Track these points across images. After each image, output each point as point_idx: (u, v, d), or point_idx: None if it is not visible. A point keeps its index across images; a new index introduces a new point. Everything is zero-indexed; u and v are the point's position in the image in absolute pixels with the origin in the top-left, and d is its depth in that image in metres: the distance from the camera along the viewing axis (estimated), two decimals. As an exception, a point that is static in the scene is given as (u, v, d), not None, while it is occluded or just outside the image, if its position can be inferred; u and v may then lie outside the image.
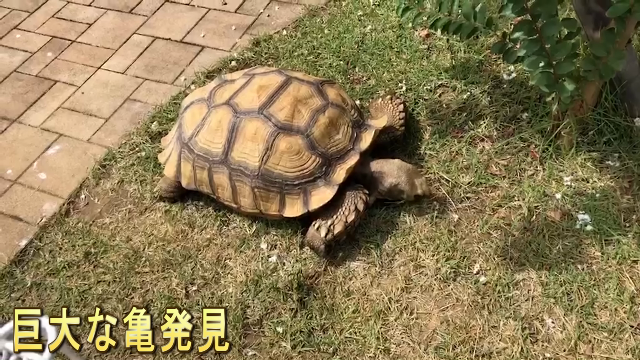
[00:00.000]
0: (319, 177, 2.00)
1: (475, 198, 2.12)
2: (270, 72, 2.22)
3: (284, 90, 2.09)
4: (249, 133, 2.03)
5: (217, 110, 2.12)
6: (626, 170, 2.08)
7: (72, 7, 3.53)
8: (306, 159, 2.00)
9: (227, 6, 3.31)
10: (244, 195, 2.06)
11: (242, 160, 2.03)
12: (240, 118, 2.06)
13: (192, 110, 2.21)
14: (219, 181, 2.10)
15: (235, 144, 2.04)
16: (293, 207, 2.01)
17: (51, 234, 2.31)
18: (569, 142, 2.15)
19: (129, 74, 3.01)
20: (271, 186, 2.01)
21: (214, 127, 2.09)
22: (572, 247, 1.92)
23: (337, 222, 1.97)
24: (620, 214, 1.97)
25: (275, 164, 2.00)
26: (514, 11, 1.75)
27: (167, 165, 2.24)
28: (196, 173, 2.14)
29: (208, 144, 2.10)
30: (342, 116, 2.10)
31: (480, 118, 2.35)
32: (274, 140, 2.00)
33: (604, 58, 1.82)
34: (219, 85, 2.25)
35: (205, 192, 2.18)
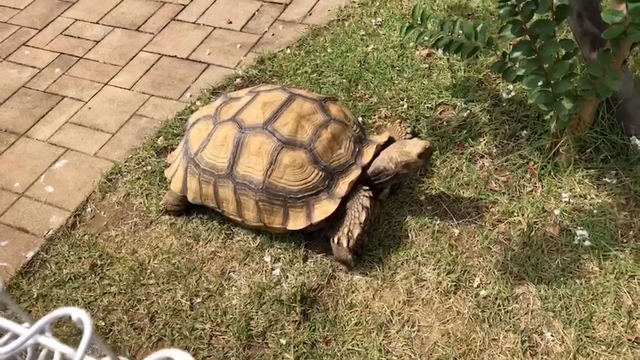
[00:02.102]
0: (321, 191, 2.05)
1: (476, 213, 2.16)
2: (274, 89, 2.28)
3: (287, 107, 2.14)
4: (254, 148, 2.08)
5: (222, 126, 2.18)
6: (623, 187, 2.12)
7: (79, 24, 3.60)
8: (309, 172, 2.05)
9: (232, 25, 3.38)
10: (248, 209, 2.11)
11: (246, 174, 2.08)
12: (245, 133, 2.11)
13: (199, 126, 2.26)
14: (224, 195, 2.14)
15: (240, 159, 2.09)
16: (297, 220, 2.05)
17: (57, 246, 2.35)
18: (567, 160, 2.20)
19: (135, 90, 3.07)
20: (275, 199, 2.05)
21: (220, 143, 2.14)
22: (571, 262, 1.96)
23: (352, 227, 2.00)
24: (617, 230, 2.02)
25: (279, 178, 2.04)
26: (513, 32, 1.81)
27: (173, 180, 2.29)
28: (202, 187, 2.18)
29: (214, 159, 2.15)
30: (344, 131, 2.15)
31: (480, 135, 2.40)
32: (278, 155, 2.05)
33: (600, 78, 1.87)
34: (225, 102, 2.31)
35: (211, 206, 2.23)
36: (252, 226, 2.17)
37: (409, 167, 2.07)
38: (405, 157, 2.05)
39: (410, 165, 2.06)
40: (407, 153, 2.05)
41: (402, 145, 2.09)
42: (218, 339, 1.97)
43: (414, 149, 2.04)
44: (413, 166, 2.06)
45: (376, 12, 3.19)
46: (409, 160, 2.05)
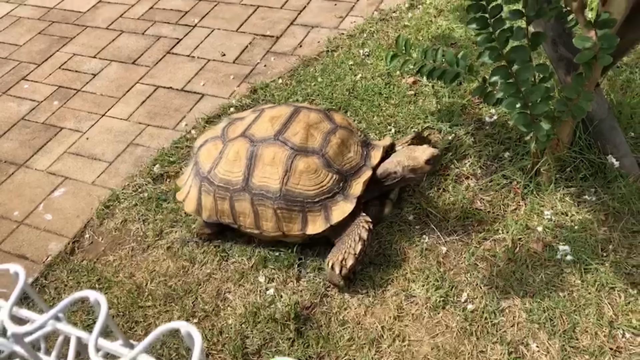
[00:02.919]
0: (337, 193, 2.14)
1: (462, 231, 2.24)
2: (278, 105, 2.38)
3: (295, 118, 2.24)
4: (268, 158, 2.15)
5: (233, 143, 2.25)
6: (602, 204, 2.21)
7: (77, 59, 3.71)
8: (324, 176, 2.13)
9: (226, 57, 3.50)
10: (266, 219, 2.16)
11: (263, 185, 2.15)
12: (257, 146, 2.19)
13: (208, 147, 2.32)
14: (240, 208, 2.19)
15: (255, 170, 2.16)
16: (315, 223, 2.12)
17: (56, 271, 2.40)
18: (548, 179, 2.29)
19: (132, 120, 3.16)
20: (293, 205, 2.12)
21: (232, 158, 2.21)
22: (554, 275, 2.03)
23: (347, 256, 2.07)
24: (598, 245, 2.10)
25: (296, 184, 2.12)
26: (490, 57, 1.92)
27: (186, 202, 2.32)
28: (217, 204, 2.23)
29: (228, 175, 2.21)
30: (352, 136, 2.27)
31: (465, 157, 2.50)
32: (292, 162, 2.13)
33: (575, 100, 1.98)
34: (230, 123, 2.39)
35: (226, 223, 2.26)
36: (270, 237, 2.22)
37: (415, 172, 2.18)
38: (412, 162, 2.17)
39: (417, 170, 2.17)
40: (415, 158, 2.17)
41: (412, 150, 2.21)
42: (215, 357, 2.01)
43: (422, 155, 2.16)
44: (419, 171, 2.18)
45: (364, 43, 3.32)
46: (415, 166, 2.16)
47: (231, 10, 3.93)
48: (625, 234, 2.12)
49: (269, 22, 3.74)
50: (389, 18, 3.50)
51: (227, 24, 3.80)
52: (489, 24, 1.88)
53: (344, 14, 3.66)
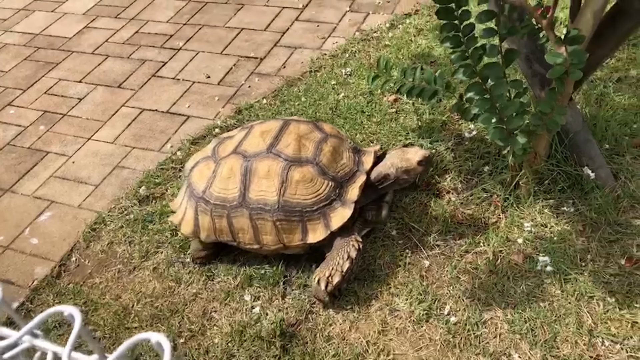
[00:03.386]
0: (334, 199, 2.17)
1: (444, 245, 2.28)
2: (267, 120, 2.42)
3: (285, 130, 2.28)
4: (262, 172, 2.18)
5: (226, 161, 2.27)
6: (580, 215, 2.26)
7: (63, 83, 3.75)
8: (320, 184, 2.17)
9: (211, 79, 3.55)
10: (266, 233, 2.18)
11: (260, 198, 2.16)
12: (251, 161, 2.21)
13: (200, 168, 2.34)
14: (239, 225, 2.20)
15: (251, 185, 2.18)
16: (315, 232, 2.15)
17: (42, 295, 2.40)
18: (527, 191, 2.34)
19: (117, 143, 3.19)
20: (292, 216, 2.14)
21: (226, 175, 2.23)
22: (535, 286, 2.07)
23: (334, 273, 2.09)
24: (576, 255, 2.14)
25: (293, 194, 2.14)
26: (464, 74, 1.98)
27: (183, 224, 2.32)
28: (215, 223, 2.24)
29: (223, 192, 2.22)
30: (342, 144, 2.31)
31: (446, 172, 2.54)
32: (288, 173, 2.16)
33: (549, 114, 2.03)
34: (219, 143, 2.42)
35: (225, 241, 2.27)
36: (271, 250, 2.23)
37: (408, 174, 2.24)
38: (405, 164, 2.23)
39: (410, 171, 2.24)
40: (407, 160, 2.24)
41: (404, 152, 2.28)
42: (201, 377, 2.02)
43: (414, 157, 2.23)
44: (412, 173, 2.24)
45: (346, 62, 3.39)
46: (409, 167, 2.23)
47: (215, 33, 3.99)
48: (603, 243, 2.16)
49: (253, 44, 3.80)
50: (370, 38, 3.57)
51: (211, 46, 3.85)
52: (462, 42, 1.94)
53: (326, 35, 3.73)
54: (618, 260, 2.10)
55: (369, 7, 3.93)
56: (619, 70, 2.86)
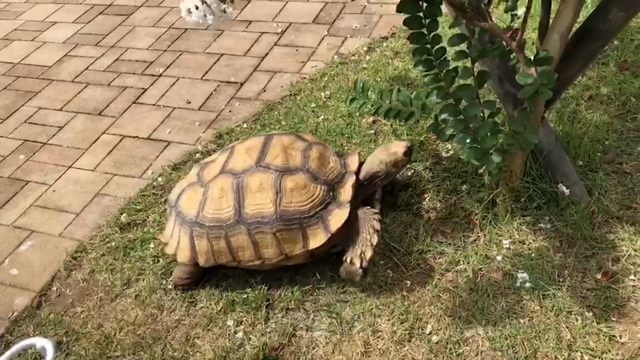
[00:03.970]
0: (329, 202, 2.22)
1: (425, 264, 2.30)
2: (247, 139, 2.44)
3: (269, 144, 2.31)
4: (255, 186, 2.20)
5: (214, 182, 2.27)
6: (556, 231, 2.30)
7: (43, 112, 3.75)
8: (313, 189, 2.21)
9: (191, 105, 3.57)
10: (266, 246, 2.19)
11: (257, 212, 2.18)
12: (241, 177, 2.23)
13: (187, 194, 2.34)
14: (237, 243, 2.20)
15: (245, 201, 2.19)
16: (316, 237, 2.18)
17: (22, 327, 2.37)
18: (505, 209, 2.38)
19: (98, 170, 3.18)
20: (292, 225, 2.17)
21: (218, 196, 2.23)
22: (514, 303, 2.09)
23: (365, 249, 2.16)
24: (554, 271, 2.17)
25: (289, 203, 2.17)
26: (438, 96, 2.02)
27: (179, 253, 2.30)
28: (213, 245, 2.23)
29: (217, 213, 2.22)
30: (326, 150, 2.38)
31: (425, 192, 2.58)
32: (281, 183, 2.19)
33: (522, 133, 2.08)
34: (202, 168, 2.43)
35: (224, 262, 2.26)
36: (273, 264, 2.24)
37: (397, 166, 2.40)
38: (393, 157, 2.38)
39: (399, 163, 2.39)
40: (394, 153, 2.39)
41: (387, 148, 2.43)
42: (184, 404, 2.01)
43: (399, 149, 2.40)
44: (400, 164, 2.40)
45: (325, 86, 3.43)
46: (397, 159, 2.38)
47: (195, 59, 4.02)
48: (579, 258, 2.20)
49: (233, 69, 3.84)
50: (348, 61, 3.63)
51: (191, 72, 3.88)
52: (434, 65, 1.98)
53: (305, 59, 3.78)
54: (594, 274, 2.14)
55: (347, 31, 4.00)
56: (590, 89, 2.94)
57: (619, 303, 2.04)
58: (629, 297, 2.05)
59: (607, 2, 2.03)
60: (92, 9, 4.94)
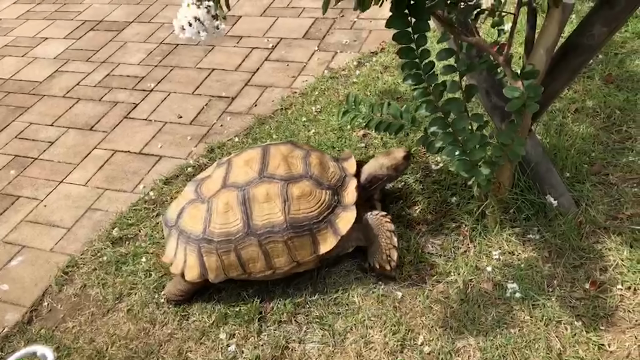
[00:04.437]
0: (335, 206, 2.28)
1: (416, 276, 2.32)
2: (242, 152, 2.46)
3: (268, 154, 2.34)
4: (262, 196, 2.22)
5: (218, 197, 2.28)
6: (545, 242, 2.33)
7: (34, 127, 3.75)
8: (319, 195, 2.25)
9: (183, 119, 3.59)
10: (278, 255, 2.21)
11: (266, 222, 2.20)
12: (246, 189, 2.25)
13: (188, 212, 2.32)
14: (248, 255, 2.21)
15: (253, 213, 2.21)
16: (326, 241, 2.23)
17: (13, 342, 2.36)
18: (494, 220, 2.41)
19: (90, 185, 3.19)
20: (302, 231, 2.21)
21: (223, 210, 2.23)
22: (505, 313, 2.12)
23: (389, 252, 2.26)
24: (543, 281, 2.20)
25: (298, 210, 2.21)
26: (427, 110, 2.06)
27: (187, 271, 2.27)
28: (223, 260, 2.23)
29: (225, 227, 2.23)
30: (324, 156, 2.43)
31: (415, 204, 2.60)
32: (287, 192, 2.22)
33: (510, 145, 2.12)
34: (198, 184, 2.43)
35: (235, 276, 2.27)
36: (284, 272, 2.26)
37: (397, 170, 2.49)
38: (394, 161, 2.47)
39: (399, 167, 2.48)
40: (395, 158, 2.49)
41: (387, 154, 2.53)
42: (177, 419, 2.00)
43: (399, 154, 2.49)
44: (401, 168, 2.49)
45: (316, 100, 3.47)
46: (397, 163, 2.47)
47: (186, 74, 4.05)
48: (568, 268, 2.23)
49: (224, 84, 3.87)
50: (338, 76, 3.67)
51: (183, 87, 3.91)
52: (423, 80, 2.02)
53: (296, 74, 3.82)
54: (583, 284, 2.17)
55: (337, 46, 4.04)
56: (576, 102, 2.99)
57: (607, 312, 2.06)
58: (617, 306, 2.08)
59: (590, 18, 2.09)
60: (83, 25, 4.97)
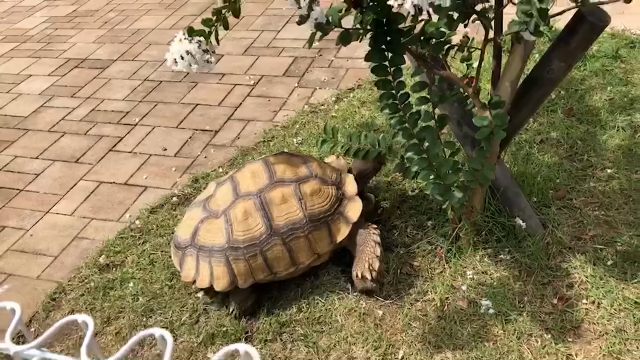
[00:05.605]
0: (341, 199, 2.50)
1: (396, 295, 2.44)
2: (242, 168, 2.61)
3: (270, 164, 2.52)
4: (278, 199, 2.39)
5: (233, 208, 2.41)
6: (515, 262, 2.48)
7: (19, 160, 3.82)
8: (327, 191, 2.47)
9: (167, 152, 3.71)
10: (300, 250, 2.38)
11: (287, 221, 2.38)
12: (261, 195, 2.41)
13: (205, 229, 2.43)
14: (273, 255, 2.36)
15: (273, 214, 2.38)
16: (340, 230, 2.44)
17: (1, 367, 2.39)
18: (467, 242, 2.55)
19: (76, 215, 3.26)
20: (320, 224, 2.41)
21: (242, 218, 2.37)
22: (479, 328, 2.24)
23: (372, 261, 2.38)
24: (515, 297, 2.34)
25: (313, 206, 2.40)
26: (403, 137, 2.22)
27: (216, 282, 2.37)
28: (251, 264, 2.36)
29: (248, 233, 2.36)
30: (318, 160, 2.64)
31: (393, 228, 2.74)
32: (300, 191, 2.42)
33: (480, 170, 2.28)
34: (205, 202, 2.54)
35: (261, 279, 2.40)
36: (305, 266, 2.44)
37: (380, 162, 2.70)
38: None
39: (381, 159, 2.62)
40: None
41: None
42: None
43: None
44: (382, 159, 2.64)
45: (297, 132, 3.62)
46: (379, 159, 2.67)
47: (170, 109, 4.18)
48: (537, 286, 2.37)
49: (208, 118, 4.01)
50: (318, 110, 3.85)
51: (167, 121, 4.03)
52: (399, 109, 2.19)
53: (277, 109, 3.99)
54: (551, 300, 2.31)
55: (316, 83, 4.23)
56: (541, 133, 3.20)
57: (574, 325, 2.20)
58: (583, 319, 2.22)
59: (550, 54, 2.30)
60: (68, 63, 5.09)
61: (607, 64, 3.75)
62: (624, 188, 2.77)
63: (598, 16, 2.12)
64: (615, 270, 2.38)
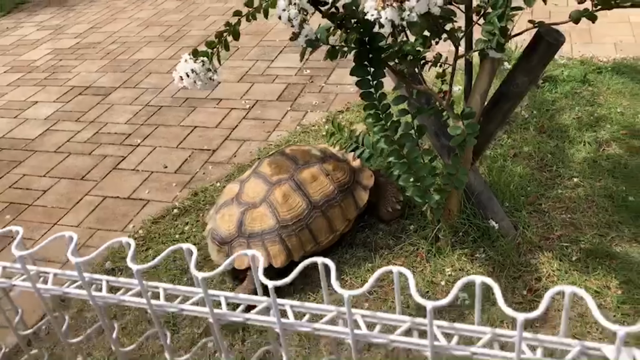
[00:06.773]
0: (355, 171, 2.95)
1: (381, 291, 2.65)
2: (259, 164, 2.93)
3: (287, 154, 2.88)
4: (309, 178, 2.75)
5: (272, 194, 2.72)
6: (490, 259, 2.71)
7: (27, 178, 4.04)
8: (342, 166, 2.89)
9: (168, 169, 3.95)
10: (335, 218, 2.75)
11: (323, 195, 2.73)
12: (293, 178, 2.75)
13: (249, 217, 2.72)
14: (317, 225, 2.71)
15: (309, 191, 2.72)
16: (361, 196, 2.87)
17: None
18: (446, 243, 2.79)
19: (82, 226, 3.47)
20: (346, 193, 2.80)
21: (282, 200, 2.69)
22: (457, 317, 2.46)
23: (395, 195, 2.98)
24: (489, 290, 2.55)
25: (337, 179, 2.79)
26: (385, 143, 2.47)
27: (274, 260, 2.65)
28: (301, 238, 2.68)
29: (292, 211, 2.68)
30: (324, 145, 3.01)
31: (379, 232, 2.97)
32: (324, 169, 2.80)
33: (455, 174, 2.54)
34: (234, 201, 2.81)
35: (308, 250, 2.70)
36: (340, 232, 2.82)
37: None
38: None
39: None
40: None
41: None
42: (170, 415, 2.23)
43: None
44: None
45: (289, 150, 3.88)
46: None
47: (170, 131, 4.44)
48: (509, 280, 2.60)
49: (206, 139, 4.27)
50: (309, 130, 4.11)
51: (167, 142, 4.29)
52: (382, 118, 2.45)
53: (271, 129, 4.25)
54: (522, 291, 2.54)
55: (307, 106, 4.52)
56: (514, 148, 3.47)
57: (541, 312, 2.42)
58: (549, 307, 2.44)
59: (515, 70, 2.58)
60: (72, 90, 5.36)
61: (576, 87, 4.07)
62: (589, 194, 3.03)
63: (554, 36, 2.42)
64: (579, 264, 2.62)
